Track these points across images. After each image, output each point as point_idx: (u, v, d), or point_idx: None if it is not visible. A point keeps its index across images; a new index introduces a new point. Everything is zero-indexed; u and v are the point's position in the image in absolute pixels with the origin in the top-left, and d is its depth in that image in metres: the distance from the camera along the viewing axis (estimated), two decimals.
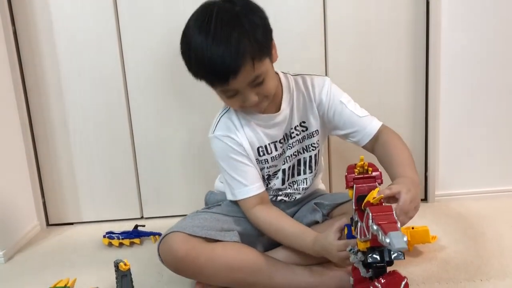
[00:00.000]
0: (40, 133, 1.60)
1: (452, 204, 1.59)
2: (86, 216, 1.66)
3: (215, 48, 0.97)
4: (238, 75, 0.99)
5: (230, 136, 1.13)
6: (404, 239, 0.65)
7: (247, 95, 1.04)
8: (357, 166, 0.91)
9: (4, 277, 1.30)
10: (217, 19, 0.98)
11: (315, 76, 1.20)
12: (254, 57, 0.99)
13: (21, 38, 1.53)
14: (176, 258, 1.05)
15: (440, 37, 1.50)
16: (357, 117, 1.15)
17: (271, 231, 1.11)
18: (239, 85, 1.01)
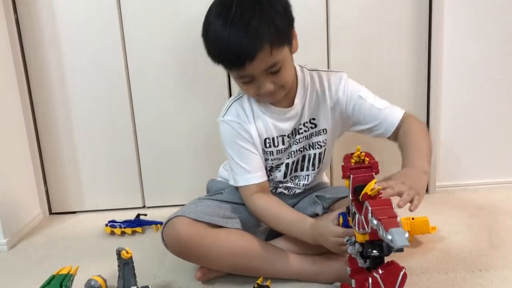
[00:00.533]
0: (43, 122, 1.60)
1: (452, 195, 1.59)
2: (88, 205, 1.67)
3: (233, 32, 0.96)
4: (254, 59, 0.98)
5: (239, 123, 1.13)
6: (406, 236, 0.65)
7: (263, 82, 1.03)
8: (354, 156, 0.91)
9: (7, 264, 1.31)
10: (238, 4, 0.98)
11: (332, 73, 1.17)
12: (272, 43, 0.98)
13: (23, 26, 1.53)
14: (180, 241, 1.06)
15: (442, 33, 1.50)
16: (377, 109, 1.13)
17: (269, 218, 1.12)
18: (256, 70, 1.01)
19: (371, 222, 0.72)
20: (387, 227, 0.67)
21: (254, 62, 0.98)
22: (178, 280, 1.15)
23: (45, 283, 0.98)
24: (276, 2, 1.01)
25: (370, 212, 0.73)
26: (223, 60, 1.04)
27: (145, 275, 1.14)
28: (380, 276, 0.77)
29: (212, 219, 1.09)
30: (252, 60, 0.98)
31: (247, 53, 0.97)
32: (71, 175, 1.64)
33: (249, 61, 0.98)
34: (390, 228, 0.66)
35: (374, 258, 0.82)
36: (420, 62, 1.55)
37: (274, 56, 1.00)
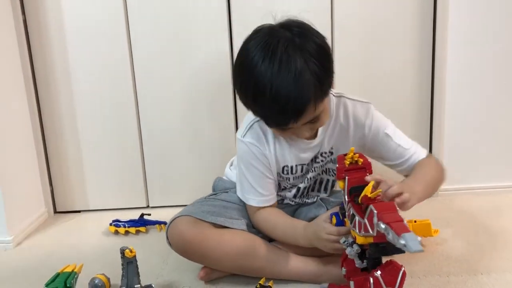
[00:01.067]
0: (49, 122, 1.62)
1: (455, 198, 1.59)
2: (93, 204, 1.68)
3: (272, 105, 0.93)
4: (299, 120, 0.95)
5: (258, 147, 1.10)
6: (419, 240, 0.65)
7: (301, 132, 1.02)
8: (347, 157, 0.91)
9: (13, 261, 1.33)
10: (280, 62, 0.91)
11: (358, 104, 1.12)
12: (316, 100, 0.94)
13: (31, 27, 1.54)
14: (184, 241, 1.06)
15: (447, 32, 1.50)
16: (403, 149, 1.11)
17: (268, 230, 1.12)
18: (297, 126, 0.98)
19: (377, 226, 0.72)
20: (399, 232, 0.66)
21: (298, 121, 0.96)
22: (181, 279, 1.15)
23: (50, 281, 0.99)
24: (319, 46, 0.95)
25: (375, 216, 0.73)
26: (266, 119, 1.01)
27: (148, 274, 1.15)
28: (382, 276, 0.78)
29: (217, 220, 1.10)
30: (296, 121, 0.95)
31: (293, 116, 0.94)
32: (76, 175, 1.66)
33: (293, 122, 0.95)
34: (402, 233, 0.66)
35: (372, 259, 0.83)
36: (424, 62, 1.56)
37: (317, 110, 0.96)
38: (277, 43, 0.92)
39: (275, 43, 0.93)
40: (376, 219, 0.73)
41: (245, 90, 0.98)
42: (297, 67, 0.91)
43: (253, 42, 0.96)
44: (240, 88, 1.00)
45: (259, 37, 0.96)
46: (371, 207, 0.76)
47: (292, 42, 0.93)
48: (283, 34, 0.94)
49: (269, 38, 0.94)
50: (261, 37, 0.96)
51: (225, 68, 1.54)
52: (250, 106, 1.00)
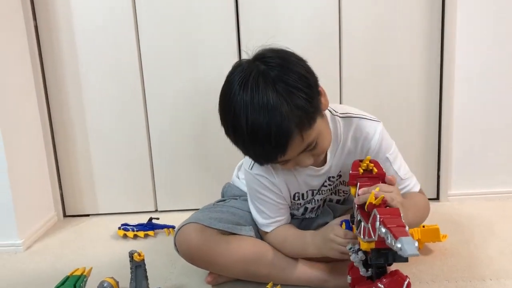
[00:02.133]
0: (59, 127, 1.63)
1: (463, 203, 1.58)
2: (102, 208, 1.69)
3: (253, 146, 0.92)
4: (286, 153, 0.92)
5: (267, 178, 1.08)
6: (415, 245, 0.64)
7: (301, 160, 0.97)
8: (362, 164, 0.91)
9: (23, 264, 1.34)
10: (253, 96, 0.89)
11: (366, 122, 1.07)
12: (301, 129, 0.90)
13: (42, 32, 1.56)
14: (191, 248, 1.07)
15: (455, 34, 1.50)
16: (399, 178, 1.07)
17: (278, 245, 1.10)
18: (290, 157, 0.95)
19: (379, 230, 0.72)
20: (396, 236, 0.66)
21: (287, 153, 0.92)
22: (189, 283, 1.16)
23: (60, 284, 1.00)
24: (293, 76, 0.91)
25: (378, 220, 0.73)
26: (253, 157, 0.99)
27: (156, 278, 1.16)
28: (385, 286, 0.77)
29: (224, 226, 1.10)
30: (284, 153, 0.92)
31: (277, 150, 0.91)
32: (85, 179, 1.67)
33: (281, 155, 0.92)
34: (399, 237, 0.66)
35: (377, 268, 0.82)
36: (432, 67, 1.55)
37: (307, 138, 0.92)
38: (249, 76, 0.91)
39: (247, 77, 0.91)
40: (378, 223, 0.73)
41: (226, 130, 0.99)
42: (271, 100, 0.88)
43: (232, 77, 0.95)
44: (222, 124, 1.00)
45: (238, 71, 0.95)
46: (374, 211, 0.76)
47: (265, 75, 0.90)
48: (256, 68, 0.92)
49: (245, 73, 0.92)
50: (239, 71, 0.94)
51: None
52: (237, 145, 0.98)
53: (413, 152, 1.60)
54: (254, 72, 0.91)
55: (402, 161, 1.10)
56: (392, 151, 1.08)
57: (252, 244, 1.10)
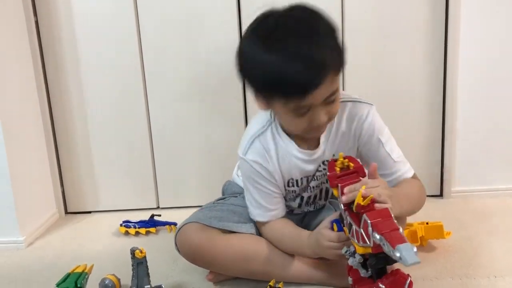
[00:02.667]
0: (60, 124, 1.63)
1: (468, 200, 1.57)
2: (103, 205, 1.69)
3: (293, 64, 0.88)
4: (319, 87, 0.89)
5: (261, 164, 1.06)
6: (415, 251, 0.63)
7: (318, 113, 0.94)
8: (337, 164, 0.90)
9: (25, 261, 1.34)
10: (287, 30, 0.90)
11: (360, 104, 1.08)
12: (335, 69, 0.91)
13: (43, 28, 1.56)
14: (192, 248, 1.07)
15: (459, 24, 1.48)
16: (392, 160, 1.06)
17: (276, 240, 1.09)
18: (316, 100, 0.91)
19: (373, 236, 0.70)
20: (394, 244, 0.64)
21: (319, 90, 0.89)
22: (191, 280, 1.15)
23: (61, 281, 1.00)
24: (324, 20, 0.94)
25: (370, 226, 0.72)
26: (283, 92, 0.92)
27: (158, 275, 1.15)
28: (386, 286, 0.76)
29: (225, 225, 1.09)
30: (316, 88, 0.89)
31: (313, 81, 0.88)
32: (86, 176, 1.67)
33: (314, 90, 0.89)
34: (397, 245, 0.64)
35: (377, 269, 0.81)
36: (436, 61, 1.54)
37: (335, 83, 0.93)
38: (292, 15, 0.94)
39: (289, 14, 0.94)
40: (371, 230, 0.71)
41: (254, 78, 0.96)
42: (317, 29, 0.91)
43: (251, 29, 0.97)
44: (246, 77, 0.98)
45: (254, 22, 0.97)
46: (364, 217, 0.74)
47: (291, 17, 0.94)
48: (295, 12, 0.95)
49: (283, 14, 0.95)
50: (256, 21, 0.97)
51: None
52: (262, 88, 0.96)
53: (416, 149, 1.59)
54: (295, 15, 0.94)
55: (394, 145, 1.09)
56: (384, 133, 1.08)
57: (253, 243, 1.09)
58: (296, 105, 0.93)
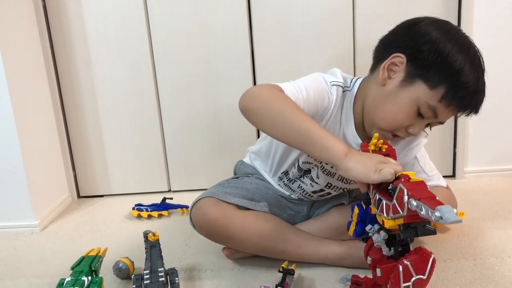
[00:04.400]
0: (71, 109, 1.63)
1: (480, 180, 1.56)
2: (115, 189, 1.70)
3: (482, 87, 0.96)
4: (475, 110, 0.97)
5: (327, 83, 1.00)
6: (455, 211, 0.63)
7: (423, 125, 0.97)
8: (371, 144, 0.89)
9: (39, 245, 1.35)
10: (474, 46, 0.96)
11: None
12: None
13: (51, 12, 1.55)
14: (208, 222, 1.06)
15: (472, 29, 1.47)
16: (425, 175, 1.13)
17: (284, 104, 0.89)
18: (445, 117, 0.97)
19: (409, 204, 0.70)
20: (433, 206, 0.64)
21: (475, 111, 0.98)
22: (204, 262, 1.16)
23: (76, 264, 1.00)
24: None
25: (406, 194, 0.71)
26: (458, 89, 0.92)
27: (171, 258, 1.16)
28: (411, 263, 0.76)
29: (240, 201, 1.09)
30: (475, 111, 0.97)
31: (478, 105, 0.97)
32: (98, 160, 1.67)
33: (473, 111, 0.97)
34: (436, 206, 0.64)
35: (401, 246, 0.81)
36: None
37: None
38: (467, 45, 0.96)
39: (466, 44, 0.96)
40: (407, 197, 0.71)
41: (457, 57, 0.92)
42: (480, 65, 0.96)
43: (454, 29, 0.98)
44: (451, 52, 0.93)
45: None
46: (400, 186, 0.73)
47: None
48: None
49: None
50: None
51: (246, 54, 1.53)
52: (445, 85, 0.92)
53: None
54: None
55: (428, 159, 1.16)
56: (422, 150, 1.14)
57: (268, 220, 1.09)
58: (435, 106, 0.93)
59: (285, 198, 1.20)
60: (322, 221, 1.15)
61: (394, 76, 0.96)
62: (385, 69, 0.97)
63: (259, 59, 1.54)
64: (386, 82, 0.98)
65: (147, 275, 0.96)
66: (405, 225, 0.75)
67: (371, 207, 0.86)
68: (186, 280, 1.09)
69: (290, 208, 1.19)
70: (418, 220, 0.73)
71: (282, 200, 1.19)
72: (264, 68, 1.55)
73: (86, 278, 0.95)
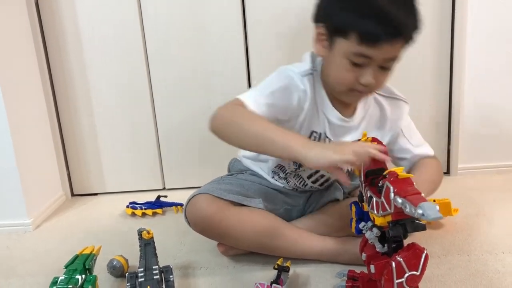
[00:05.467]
0: (64, 107, 1.62)
1: (474, 177, 1.57)
2: (109, 187, 1.69)
3: (394, 8, 0.91)
4: (392, 43, 0.93)
5: (295, 78, 1.03)
6: (437, 208, 0.64)
7: (370, 72, 0.96)
8: (361, 142, 0.89)
9: (33, 244, 1.35)
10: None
11: (395, 101, 1.15)
12: (407, 38, 0.96)
13: (43, 10, 1.54)
14: (203, 218, 1.06)
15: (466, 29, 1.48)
16: (410, 145, 1.15)
17: (238, 119, 0.97)
18: (379, 55, 0.94)
19: (394, 201, 0.71)
20: (416, 203, 0.65)
21: (391, 44, 0.93)
22: (198, 260, 1.16)
23: (69, 262, 1.00)
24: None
25: (392, 192, 0.72)
26: (370, 26, 0.92)
27: (165, 256, 1.16)
28: (403, 259, 0.76)
29: (235, 197, 1.09)
30: (390, 42, 0.93)
31: (394, 32, 0.92)
32: (92, 158, 1.67)
33: (388, 42, 0.92)
34: (418, 203, 0.65)
35: (394, 242, 0.81)
36: (444, 37, 1.52)
37: (400, 52, 0.97)
38: None
39: None
40: (393, 195, 0.72)
41: (354, 8, 0.95)
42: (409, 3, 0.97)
43: None
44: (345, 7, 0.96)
45: None
46: (387, 184, 0.75)
47: None
48: None
49: None
50: None
51: (240, 48, 1.53)
52: (354, 19, 0.94)
53: (423, 126, 1.56)
54: None
55: (414, 130, 1.17)
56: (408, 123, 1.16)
57: (264, 217, 1.09)
58: (359, 51, 0.94)
59: (280, 191, 1.19)
60: (317, 218, 1.16)
61: (325, 44, 1.01)
62: (316, 42, 1.03)
63: (254, 58, 1.54)
64: (323, 53, 1.02)
65: (142, 273, 0.96)
66: (394, 222, 0.77)
67: (364, 205, 0.87)
68: (181, 278, 1.08)
69: (285, 203, 1.19)
70: (406, 217, 0.74)
71: (277, 195, 1.19)
72: (259, 67, 1.54)
73: (80, 277, 0.94)
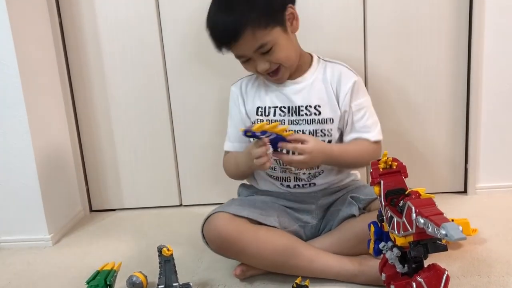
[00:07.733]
0: (85, 124, 1.65)
1: (493, 196, 1.55)
2: (127, 203, 1.71)
3: (219, 16, 1.10)
4: (238, 41, 1.08)
5: (235, 91, 1.26)
6: (460, 229, 0.64)
7: (258, 62, 1.12)
8: (381, 162, 0.90)
9: (52, 259, 1.36)
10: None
11: (347, 71, 1.20)
12: (254, 26, 1.06)
13: (66, 28, 1.58)
14: (220, 236, 1.07)
15: (484, 21, 1.46)
16: (359, 125, 1.18)
17: (229, 165, 1.27)
18: (244, 51, 1.12)
19: (417, 221, 0.71)
20: (439, 223, 0.65)
21: (239, 43, 1.09)
22: (216, 277, 1.16)
23: (91, 278, 1.01)
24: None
25: (414, 212, 0.72)
26: (214, 42, 1.13)
27: (184, 273, 1.16)
28: (424, 280, 0.76)
29: (252, 214, 1.10)
30: (236, 42, 1.09)
31: (231, 35, 1.08)
32: (110, 174, 1.69)
33: (234, 43, 1.09)
34: (441, 223, 0.65)
35: (415, 262, 0.81)
36: (460, 57, 1.51)
37: (260, 38, 1.08)
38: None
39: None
40: (415, 215, 0.72)
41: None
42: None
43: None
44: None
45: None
46: (408, 204, 0.75)
47: None
48: None
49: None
50: None
51: None
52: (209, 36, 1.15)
53: (440, 145, 1.57)
54: None
55: (370, 112, 1.19)
56: (363, 101, 1.19)
57: (280, 235, 1.10)
58: (235, 54, 1.15)
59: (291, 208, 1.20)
60: (334, 236, 1.15)
61: None
62: None
63: None
64: None
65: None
66: (415, 242, 0.77)
67: (384, 225, 0.87)
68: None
69: (298, 219, 1.20)
70: (427, 237, 0.74)
71: (289, 212, 1.20)
72: None
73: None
